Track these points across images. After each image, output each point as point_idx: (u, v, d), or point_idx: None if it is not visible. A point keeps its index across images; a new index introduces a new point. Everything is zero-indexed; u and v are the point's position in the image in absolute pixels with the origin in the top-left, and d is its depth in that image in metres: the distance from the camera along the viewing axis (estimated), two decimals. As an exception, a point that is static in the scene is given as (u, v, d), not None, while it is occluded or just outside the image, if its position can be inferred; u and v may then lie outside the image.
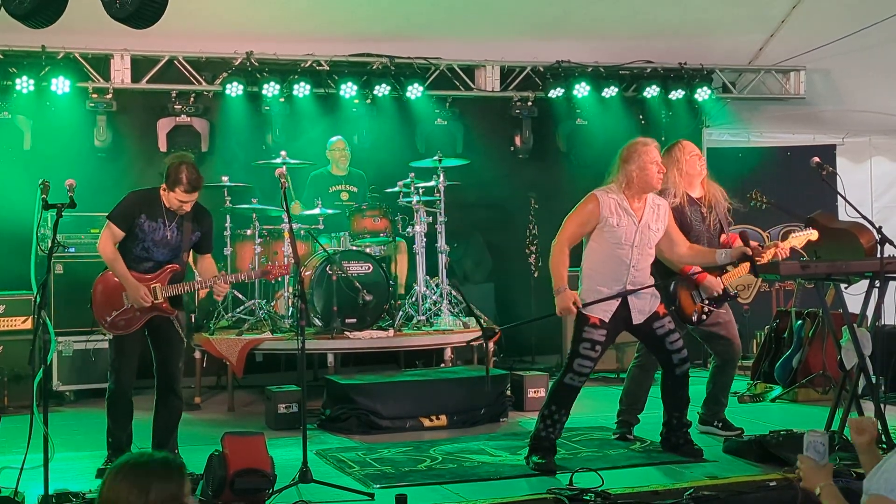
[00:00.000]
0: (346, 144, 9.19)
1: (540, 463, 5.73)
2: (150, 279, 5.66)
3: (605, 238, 5.79)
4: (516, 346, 9.77)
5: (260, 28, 8.98)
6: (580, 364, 5.75)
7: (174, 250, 5.70)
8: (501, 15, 9.30)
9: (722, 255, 5.97)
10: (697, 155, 6.55)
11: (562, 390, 5.82)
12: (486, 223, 10.27)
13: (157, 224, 5.63)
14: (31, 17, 5.25)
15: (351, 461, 6.02)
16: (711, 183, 6.58)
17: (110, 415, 5.75)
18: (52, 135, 8.82)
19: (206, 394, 8.41)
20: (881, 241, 5.87)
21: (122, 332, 5.65)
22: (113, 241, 5.61)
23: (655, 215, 5.89)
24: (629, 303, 5.82)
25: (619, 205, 5.80)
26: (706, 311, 6.39)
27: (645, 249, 5.83)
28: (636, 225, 5.80)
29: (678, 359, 5.92)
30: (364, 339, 8.03)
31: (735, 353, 6.60)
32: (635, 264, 5.79)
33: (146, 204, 5.63)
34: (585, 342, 5.74)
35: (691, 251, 6.07)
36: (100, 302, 5.68)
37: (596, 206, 5.79)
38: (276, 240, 8.53)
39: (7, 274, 8.07)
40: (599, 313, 5.77)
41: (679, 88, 10.07)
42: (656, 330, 5.90)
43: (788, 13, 9.71)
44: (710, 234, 6.43)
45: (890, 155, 10.80)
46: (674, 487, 5.30)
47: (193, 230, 5.75)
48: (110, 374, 5.74)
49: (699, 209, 6.45)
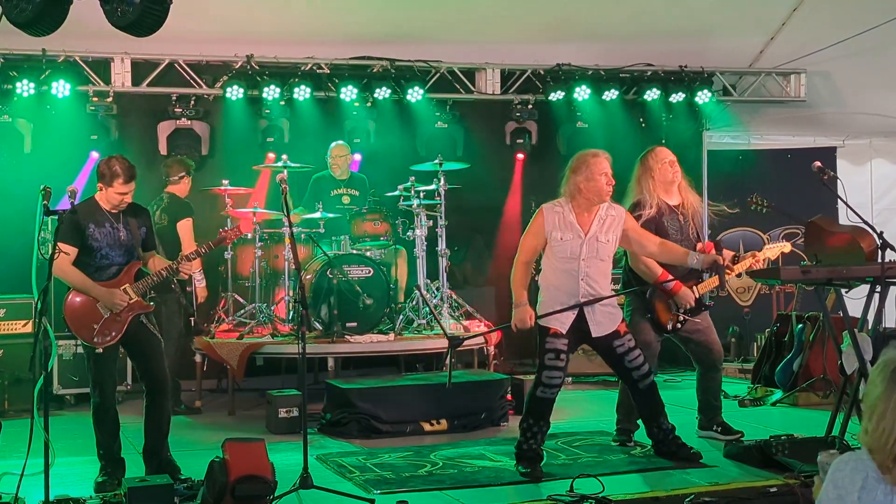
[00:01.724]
0: (347, 149, 9.19)
1: (526, 472, 5.75)
2: (118, 282, 5.68)
3: (554, 252, 5.85)
4: (516, 349, 9.77)
5: (260, 31, 8.98)
6: (548, 376, 5.77)
7: (129, 250, 5.73)
8: (502, 18, 9.30)
9: (694, 258, 5.98)
10: (670, 161, 6.51)
11: (535, 403, 5.85)
12: (486, 226, 10.26)
13: (107, 228, 5.66)
14: (32, 25, 5.24)
15: (351, 466, 6.02)
16: (688, 190, 6.58)
17: (98, 428, 5.72)
18: (52, 138, 8.81)
19: (206, 397, 8.42)
20: (882, 246, 5.87)
21: (110, 342, 5.64)
22: (69, 260, 5.59)
23: (605, 226, 5.87)
24: (586, 315, 5.82)
25: (564, 219, 5.82)
26: (681, 321, 6.41)
27: (594, 262, 5.83)
28: (582, 238, 5.81)
29: (638, 375, 5.95)
30: (364, 342, 8.03)
31: (716, 358, 6.61)
32: (584, 277, 5.80)
33: (89, 214, 5.65)
34: (549, 352, 5.77)
35: (662, 248, 6.07)
36: (77, 325, 5.64)
37: (542, 221, 5.85)
38: (277, 243, 8.53)
39: (8, 277, 8.07)
40: (557, 325, 5.80)
41: (679, 91, 10.07)
42: (616, 348, 5.91)
43: (789, 16, 9.70)
44: (688, 243, 6.41)
45: (890, 157, 10.79)
46: (674, 493, 5.29)
47: (139, 225, 5.79)
48: (93, 387, 5.70)
49: (677, 217, 6.44)
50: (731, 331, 9.80)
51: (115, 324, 5.64)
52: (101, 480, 5.59)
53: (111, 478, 5.57)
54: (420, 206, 8.66)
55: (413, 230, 8.74)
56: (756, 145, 10.75)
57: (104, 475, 5.61)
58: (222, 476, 4.94)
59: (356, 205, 8.98)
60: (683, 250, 6.08)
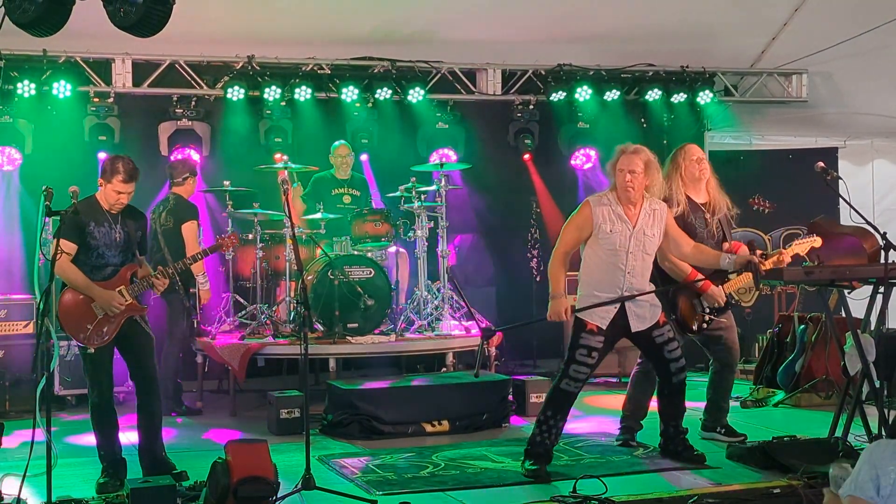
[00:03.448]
0: (349, 150, 9.18)
1: (532, 469, 5.73)
2: (114, 283, 5.66)
3: (601, 244, 5.79)
4: (518, 350, 9.75)
5: (261, 32, 8.96)
6: (576, 370, 5.74)
7: (125, 251, 5.73)
8: (503, 18, 9.29)
9: (726, 259, 5.95)
10: (697, 159, 6.50)
11: (558, 396, 5.82)
12: (487, 227, 10.25)
13: (105, 228, 5.66)
14: (34, 26, 5.23)
15: (353, 467, 6.01)
16: (717, 189, 6.55)
17: (97, 428, 5.71)
18: (53, 139, 8.80)
19: (207, 398, 8.41)
20: (885, 246, 5.85)
21: (103, 342, 5.63)
22: (68, 258, 5.58)
23: (651, 220, 5.86)
24: (626, 310, 5.80)
25: (613, 211, 5.80)
26: (707, 321, 6.38)
27: (641, 255, 5.81)
28: (630, 230, 5.78)
29: (676, 367, 5.92)
30: (365, 343, 8.02)
31: (734, 358, 6.60)
32: (631, 270, 5.78)
33: (89, 212, 5.64)
34: (582, 348, 5.74)
35: (695, 251, 6.05)
36: (71, 324, 5.63)
37: (589, 214, 5.80)
38: (278, 244, 8.51)
39: (9, 278, 8.06)
40: (597, 320, 5.76)
41: (681, 92, 10.06)
42: (656, 338, 5.89)
43: (790, 16, 9.69)
44: (714, 241, 6.41)
45: (892, 157, 10.79)
46: (677, 494, 5.29)
47: (136, 229, 5.79)
48: (91, 388, 5.69)
49: (703, 214, 6.43)
50: (732, 331, 9.78)
51: (109, 324, 5.63)
52: (102, 481, 5.57)
53: (113, 479, 5.57)
54: (421, 207, 8.65)
55: (414, 231, 8.73)
56: (758, 146, 10.75)
57: (106, 476, 5.60)
58: (225, 477, 4.93)
59: (357, 205, 8.97)
60: (716, 253, 6.06)
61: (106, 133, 8.93)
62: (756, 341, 9.50)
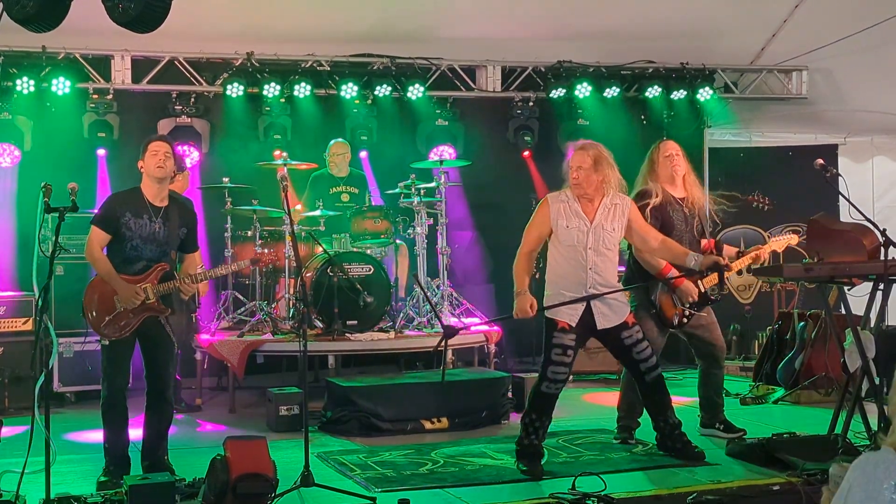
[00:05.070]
0: (347, 147, 9.17)
1: (526, 470, 5.74)
2: (141, 279, 5.60)
3: (560, 241, 5.82)
4: (517, 347, 9.75)
5: (260, 28, 8.96)
6: (554, 372, 5.75)
7: (162, 247, 5.65)
8: (502, 15, 9.28)
9: (692, 259, 5.95)
10: (670, 156, 6.47)
11: (539, 398, 5.83)
12: (486, 224, 10.24)
13: (143, 220, 5.58)
14: (33, 22, 5.22)
15: (352, 464, 6.01)
16: (695, 184, 6.55)
17: (106, 422, 5.67)
18: (52, 135, 8.80)
19: (207, 395, 8.40)
20: (885, 243, 5.85)
21: (119, 336, 5.59)
22: (99, 245, 5.57)
23: (612, 215, 5.85)
24: (592, 307, 5.79)
25: (570, 207, 5.82)
26: (686, 315, 6.39)
27: (601, 251, 5.80)
28: (588, 226, 5.79)
29: (646, 367, 5.91)
30: (365, 340, 8.02)
31: (718, 354, 6.59)
32: (593, 266, 5.78)
33: (128, 202, 5.59)
34: (557, 347, 5.74)
35: (663, 245, 6.02)
36: (92, 309, 5.59)
37: (547, 211, 5.84)
38: (277, 241, 8.51)
39: (8, 275, 8.05)
40: (566, 317, 5.77)
41: (681, 88, 10.05)
42: (624, 339, 5.88)
43: (790, 13, 9.69)
44: (692, 237, 6.41)
45: (892, 154, 10.78)
46: (676, 491, 5.28)
47: (179, 225, 5.70)
48: (103, 381, 5.66)
49: (682, 209, 6.42)
50: (732, 329, 9.78)
51: (128, 319, 5.58)
52: (103, 479, 5.55)
53: (113, 477, 5.53)
54: (420, 204, 8.65)
55: (413, 228, 8.72)
56: (757, 143, 10.74)
57: (107, 475, 5.58)
58: (223, 474, 4.93)
59: (355, 202, 8.97)
60: (684, 250, 6.05)
61: (105, 130, 8.93)
62: (756, 338, 9.49)
